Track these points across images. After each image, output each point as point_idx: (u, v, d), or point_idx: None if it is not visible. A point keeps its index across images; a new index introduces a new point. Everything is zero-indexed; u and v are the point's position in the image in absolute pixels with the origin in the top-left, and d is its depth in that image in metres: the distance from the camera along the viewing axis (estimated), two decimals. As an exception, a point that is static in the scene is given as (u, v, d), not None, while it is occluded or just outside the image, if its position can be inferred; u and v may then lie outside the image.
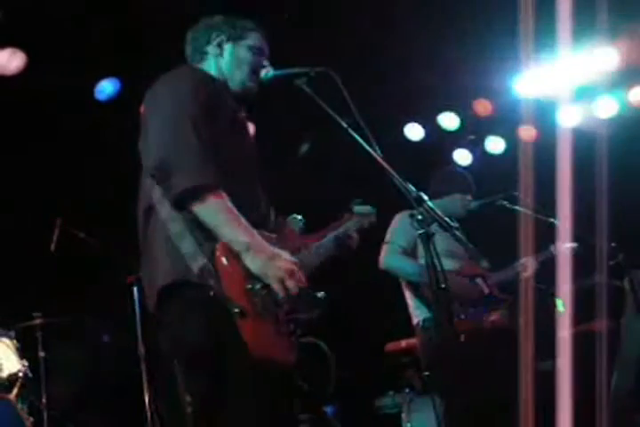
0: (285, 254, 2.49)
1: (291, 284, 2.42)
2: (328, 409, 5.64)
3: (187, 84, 2.64)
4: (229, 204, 2.46)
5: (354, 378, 6.25)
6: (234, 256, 2.43)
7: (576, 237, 4.89)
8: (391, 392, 6.31)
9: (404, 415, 5.69)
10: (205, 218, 2.44)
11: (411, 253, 4.67)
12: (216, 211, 2.44)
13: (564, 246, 4.96)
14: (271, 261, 2.43)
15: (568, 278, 4.93)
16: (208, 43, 2.89)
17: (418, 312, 4.76)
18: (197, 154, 2.45)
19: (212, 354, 2.44)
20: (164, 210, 2.52)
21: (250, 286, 2.41)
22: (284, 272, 2.42)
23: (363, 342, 6.26)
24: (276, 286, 2.42)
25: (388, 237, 4.76)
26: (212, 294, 2.40)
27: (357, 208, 3.09)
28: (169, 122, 2.53)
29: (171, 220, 2.50)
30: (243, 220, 2.46)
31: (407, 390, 6.20)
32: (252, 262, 2.42)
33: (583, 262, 5.06)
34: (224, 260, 2.41)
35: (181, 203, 2.45)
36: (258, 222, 2.56)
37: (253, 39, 2.92)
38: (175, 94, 2.60)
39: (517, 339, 4.76)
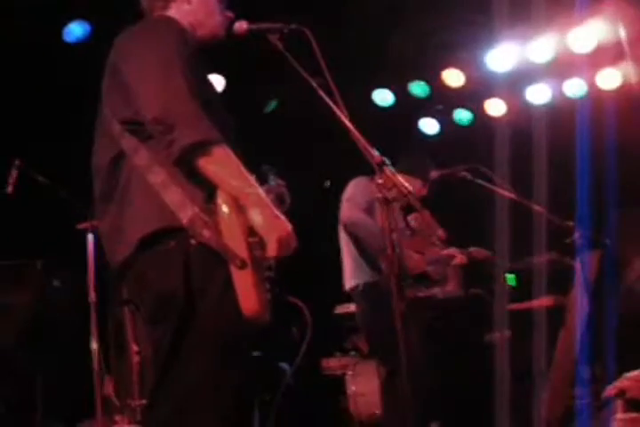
0: (283, 216, 2.45)
1: (286, 245, 2.40)
2: (284, 365, 5.67)
3: (171, 35, 2.53)
4: (235, 157, 2.41)
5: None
6: (236, 208, 2.39)
7: (543, 216, 4.87)
8: (338, 354, 6.37)
9: (348, 378, 5.77)
10: (212, 171, 2.37)
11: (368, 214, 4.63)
12: (224, 164, 2.39)
13: (480, 252, 5.10)
14: (275, 219, 2.40)
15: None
16: None
17: (360, 275, 4.74)
18: (198, 107, 2.38)
19: (185, 304, 2.40)
20: (141, 158, 2.46)
21: (251, 239, 2.39)
22: (285, 233, 2.40)
23: (311, 303, 6.29)
24: (273, 244, 2.37)
25: (347, 195, 4.72)
26: (193, 242, 2.37)
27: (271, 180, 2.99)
28: (162, 74, 2.42)
29: (150, 168, 2.44)
30: (248, 173, 2.43)
31: (353, 353, 6.27)
32: (257, 216, 2.38)
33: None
34: (226, 210, 2.38)
35: (186, 156, 2.36)
36: None
37: None
38: (162, 45, 2.49)
39: (468, 310, 4.82)
